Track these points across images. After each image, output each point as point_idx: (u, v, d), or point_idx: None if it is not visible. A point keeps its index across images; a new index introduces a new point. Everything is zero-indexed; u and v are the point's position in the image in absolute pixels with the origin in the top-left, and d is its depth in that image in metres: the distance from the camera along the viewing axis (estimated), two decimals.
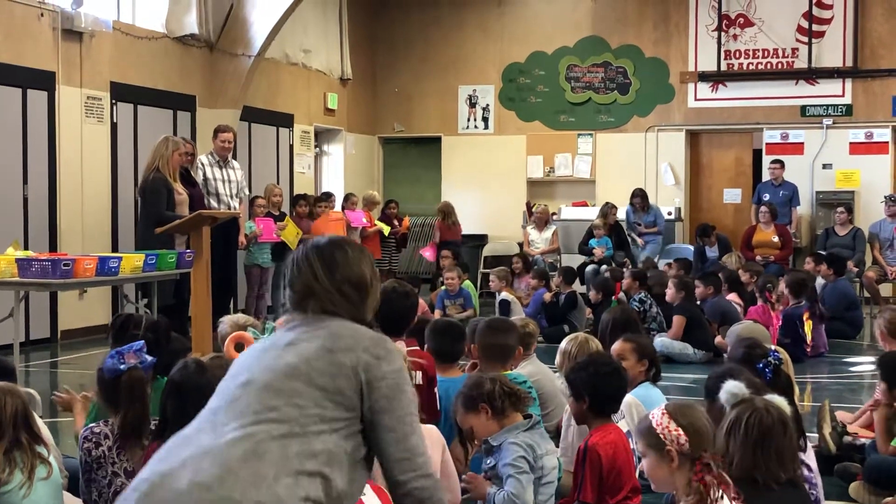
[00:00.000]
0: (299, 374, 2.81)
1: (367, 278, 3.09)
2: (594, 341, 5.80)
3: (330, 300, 3.00)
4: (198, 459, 2.68)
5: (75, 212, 11.81)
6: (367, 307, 3.08)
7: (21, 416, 3.94)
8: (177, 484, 2.64)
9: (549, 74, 17.44)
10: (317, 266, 3.04)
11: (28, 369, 9.79)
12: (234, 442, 2.71)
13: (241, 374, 2.90)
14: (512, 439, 4.53)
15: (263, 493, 2.62)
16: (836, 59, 16.09)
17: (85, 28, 11.68)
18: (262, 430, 2.72)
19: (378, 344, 2.92)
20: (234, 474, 2.63)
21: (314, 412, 2.77)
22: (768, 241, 14.57)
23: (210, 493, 2.61)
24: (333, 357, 2.84)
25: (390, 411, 2.85)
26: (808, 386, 9.01)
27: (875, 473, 5.49)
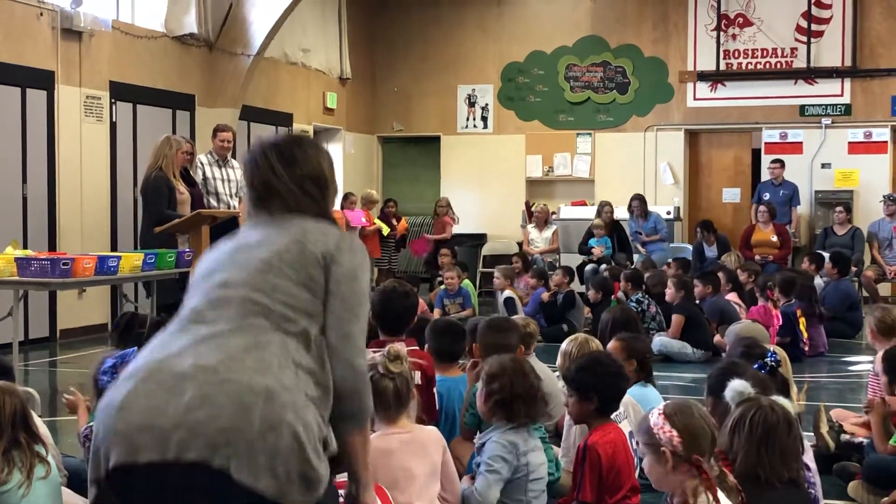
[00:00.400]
0: (273, 268, 2.84)
1: (325, 173, 3.09)
2: (594, 341, 5.80)
3: (294, 199, 3.01)
4: (196, 347, 2.71)
5: (74, 211, 11.81)
6: (329, 202, 3.10)
7: (20, 416, 3.94)
8: (178, 367, 2.65)
9: (548, 74, 17.45)
10: (275, 162, 3.03)
11: (27, 368, 9.79)
12: (232, 333, 2.74)
13: (215, 274, 2.91)
14: (496, 437, 4.55)
15: (270, 379, 2.64)
16: (834, 58, 16.10)
17: (84, 27, 11.68)
18: (257, 324, 2.76)
19: (344, 238, 2.97)
20: (240, 360, 2.66)
21: (297, 305, 2.81)
22: (767, 241, 14.57)
23: (217, 375, 2.63)
24: (303, 247, 2.88)
25: (338, 296, 2.87)
26: (805, 385, 9.01)
27: (874, 472, 5.49)
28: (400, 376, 4.29)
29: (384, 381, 4.26)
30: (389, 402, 4.29)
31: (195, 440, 2.55)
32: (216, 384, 2.61)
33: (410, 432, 4.32)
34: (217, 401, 2.59)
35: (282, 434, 2.59)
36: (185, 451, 2.55)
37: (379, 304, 5.48)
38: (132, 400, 2.64)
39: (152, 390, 2.63)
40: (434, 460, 4.31)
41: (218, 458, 2.55)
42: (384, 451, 4.19)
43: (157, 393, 2.62)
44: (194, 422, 2.56)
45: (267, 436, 2.58)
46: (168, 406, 2.59)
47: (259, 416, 2.58)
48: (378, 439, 4.24)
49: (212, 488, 2.55)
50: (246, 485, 2.54)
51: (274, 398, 2.62)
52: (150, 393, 2.63)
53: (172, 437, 2.56)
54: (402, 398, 4.31)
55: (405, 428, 4.32)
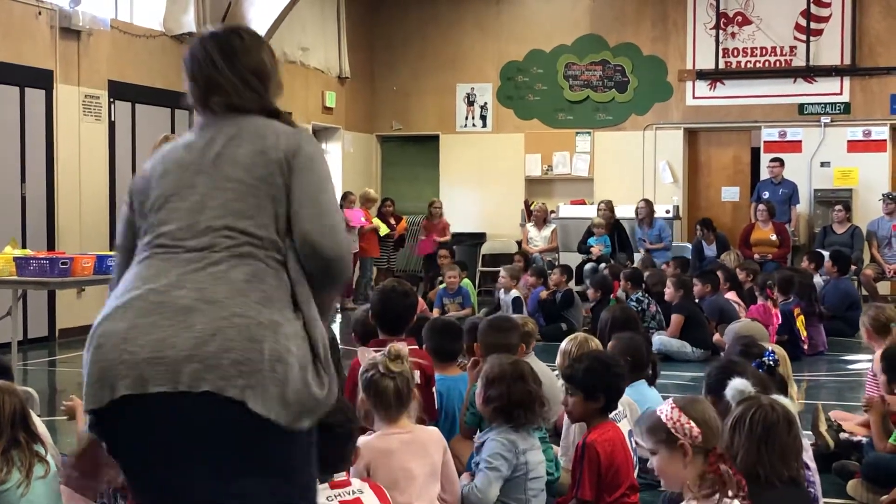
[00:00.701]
0: (249, 190, 2.82)
1: (267, 65, 3.02)
2: (594, 341, 5.80)
3: (236, 93, 2.94)
4: (194, 277, 2.73)
5: (73, 210, 11.80)
6: (272, 95, 3.02)
7: (19, 416, 3.94)
8: (182, 300, 2.69)
9: (547, 73, 17.44)
10: (216, 55, 2.96)
11: (26, 368, 9.79)
12: (230, 264, 2.75)
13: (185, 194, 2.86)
14: (495, 436, 4.55)
15: (275, 313, 2.70)
16: (834, 57, 16.10)
17: (83, 26, 11.67)
18: (248, 253, 2.77)
19: (297, 132, 2.93)
20: (244, 294, 2.71)
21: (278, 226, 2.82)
22: (766, 240, 14.58)
23: (225, 309, 2.67)
24: (267, 157, 2.84)
25: (308, 170, 2.86)
26: (804, 384, 9.01)
27: (873, 471, 5.49)
28: (401, 376, 4.28)
29: (385, 380, 4.26)
30: (390, 401, 4.28)
31: (209, 372, 2.60)
32: (226, 317, 2.66)
33: (411, 432, 4.31)
34: (228, 334, 2.63)
35: (290, 365, 2.67)
36: (199, 383, 2.60)
37: (378, 304, 5.47)
38: (136, 332, 2.66)
39: (156, 323, 2.66)
40: (434, 461, 4.31)
41: (231, 389, 2.60)
42: (384, 451, 4.18)
43: (163, 326, 2.65)
44: (207, 355, 2.61)
45: (276, 367, 2.65)
46: (177, 339, 2.63)
47: (268, 349, 2.65)
48: (378, 439, 4.23)
49: (224, 419, 2.61)
50: (260, 414, 2.61)
51: (279, 331, 2.69)
52: (154, 326, 2.66)
53: (185, 370, 2.61)
54: (402, 398, 4.30)
55: (406, 428, 4.31)
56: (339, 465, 3.62)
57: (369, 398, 4.32)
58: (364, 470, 4.09)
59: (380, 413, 4.31)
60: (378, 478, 4.06)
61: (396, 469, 4.18)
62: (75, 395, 5.06)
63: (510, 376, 4.61)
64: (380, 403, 4.29)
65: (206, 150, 2.89)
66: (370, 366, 4.35)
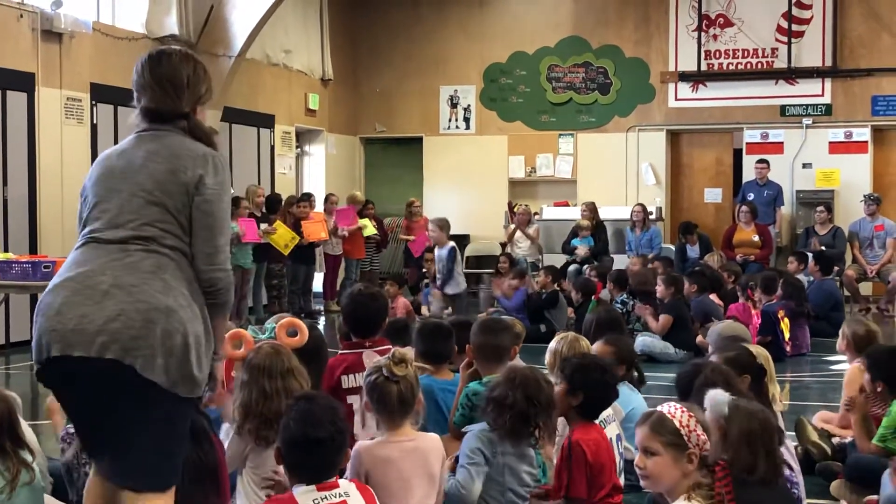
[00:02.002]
0: (156, 200, 3.54)
1: (182, 77, 3.70)
2: (583, 340, 5.77)
3: (153, 96, 3.69)
4: (113, 265, 3.46)
5: (55, 213, 11.75)
6: (184, 101, 3.68)
7: (6, 422, 3.92)
8: (101, 285, 3.43)
9: (530, 74, 17.47)
10: (145, 65, 3.76)
11: (8, 372, 9.74)
12: (140, 258, 3.48)
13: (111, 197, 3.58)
14: (476, 431, 4.55)
15: (171, 299, 3.44)
16: (815, 58, 16.17)
17: (64, 29, 11.63)
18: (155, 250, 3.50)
19: (207, 160, 3.61)
20: (148, 283, 3.44)
21: (177, 232, 3.54)
22: (748, 241, 14.63)
23: (131, 295, 3.41)
24: (176, 177, 3.55)
25: (207, 213, 3.57)
26: (787, 385, 9.04)
27: (856, 472, 5.50)
28: (405, 380, 4.23)
29: (388, 384, 4.21)
30: (393, 406, 4.23)
31: (113, 344, 3.36)
32: (131, 302, 3.39)
33: (413, 440, 4.25)
34: (130, 315, 3.38)
35: (176, 342, 3.40)
36: (105, 351, 3.36)
37: (348, 308, 5.49)
38: (66, 308, 3.41)
39: (81, 301, 3.41)
40: (433, 470, 4.25)
41: (128, 357, 3.36)
42: (383, 459, 4.15)
43: (86, 304, 3.40)
44: (113, 330, 3.36)
45: (165, 342, 3.39)
46: (94, 316, 3.38)
47: (160, 329, 3.39)
48: (378, 446, 4.19)
49: (122, 378, 3.37)
50: (147, 378, 3.37)
51: (171, 314, 3.42)
52: (80, 304, 3.40)
53: (97, 340, 3.36)
54: (406, 403, 4.24)
55: (407, 436, 4.26)
56: (327, 473, 3.61)
57: (372, 402, 4.28)
58: (363, 476, 4.06)
59: (383, 417, 4.26)
60: (376, 485, 4.04)
61: (393, 478, 4.14)
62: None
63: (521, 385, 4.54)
64: (383, 408, 4.24)
65: (132, 160, 3.61)
66: (374, 369, 4.31)
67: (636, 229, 15.22)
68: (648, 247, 14.95)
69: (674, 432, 3.59)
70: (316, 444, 3.55)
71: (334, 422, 3.61)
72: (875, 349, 6.03)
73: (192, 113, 3.71)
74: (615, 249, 15.25)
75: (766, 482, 3.80)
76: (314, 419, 3.57)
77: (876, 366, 5.73)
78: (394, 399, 4.21)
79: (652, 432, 3.66)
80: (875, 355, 5.84)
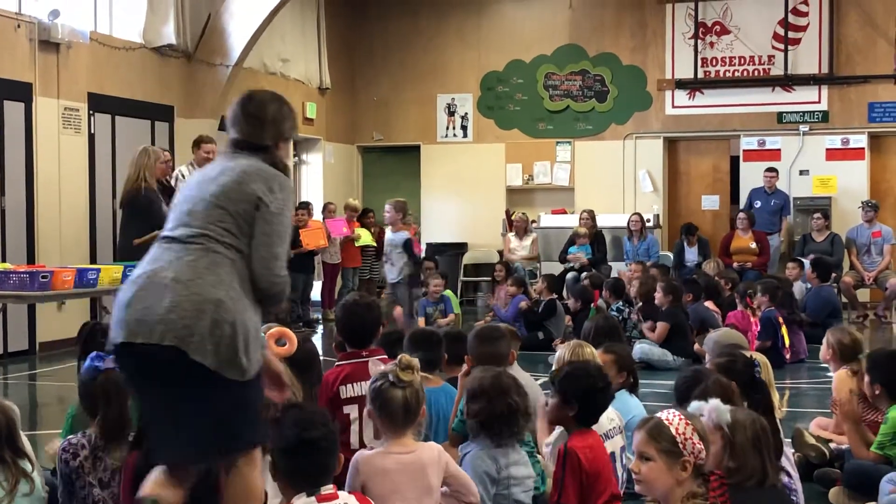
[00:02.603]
0: (220, 203, 3.97)
1: (267, 114, 4.23)
2: (588, 346, 5.74)
3: (239, 128, 4.22)
4: (175, 264, 3.90)
5: (53, 223, 11.76)
6: (267, 135, 4.19)
7: (5, 432, 3.92)
8: (163, 280, 3.86)
9: (527, 83, 17.49)
10: (238, 103, 4.31)
11: (6, 382, 9.74)
12: (199, 256, 3.90)
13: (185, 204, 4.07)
14: (475, 452, 4.52)
15: (222, 292, 3.84)
16: (812, 65, 16.20)
17: (62, 39, 11.64)
18: (213, 248, 3.92)
19: (273, 178, 4.05)
20: (203, 278, 3.86)
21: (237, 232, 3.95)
22: (746, 248, 14.65)
23: (187, 288, 3.83)
24: (241, 188, 3.99)
25: (269, 223, 3.98)
26: (786, 392, 9.05)
27: (854, 479, 5.51)
28: (410, 387, 4.21)
29: (393, 390, 4.20)
30: (398, 413, 4.20)
31: (170, 332, 3.78)
32: (186, 295, 3.82)
33: (412, 452, 4.21)
34: (185, 306, 3.80)
35: (224, 331, 3.80)
36: (163, 338, 3.78)
37: (343, 318, 5.49)
38: (135, 301, 3.87)
39: (146, 296, 3.86)
40: (430, 483, 4.19)
41: (182, 344, 3.76)
42: (380, 470, 4.12)
43: (148, 298, 3.85)
44: (169, 320, 3.79)
45: (214, 331, 3.78)
46: (155, 307, 3.82)
47: (210, 318, 3.79)
48: (377, 456, 4.17)
49: (179, 363, 3.77)
50: (198, 361, 3.76)
51: (221, 305, 3.82)
52: (145, 297, 3.86)
53: (157, 329, 3.79)
54: (410, 411, 4.22)
55: (407, 447, 4.22)
56: (323, 477, 3.61)
57: (375, 409, 4.25)
58: (359, 486, 4.05)
59: (385, 425, 4.22)
60: (372, 495, 4.03)
61: (388, 490, 4.10)
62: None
63: (492, 390, 4.59)
64: (386, 415, 4.20)
65: (208, 173, 4.13)
66: (379, 376, 4.30)
67: (633, 239, 15.23)
68: (646, 255, 14.95)
69: (669, 440, 3.60)
70: (311, 445, 3.56)
71: (325, 424, 3.64)
72: (876, 352, 6.04)
73: (275, 147, 4.19)
74: (612, 257, 15.26)
75: (770, 487, 3.82)
76: (306, 422, 3.60)
77: (876, 368, 5.73)
78: (398, 405, 4.19)
79: (648, 438, 3.67)
80: (876, 357, 5.84)
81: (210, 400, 3.85)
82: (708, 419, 3.88)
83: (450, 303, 12.46)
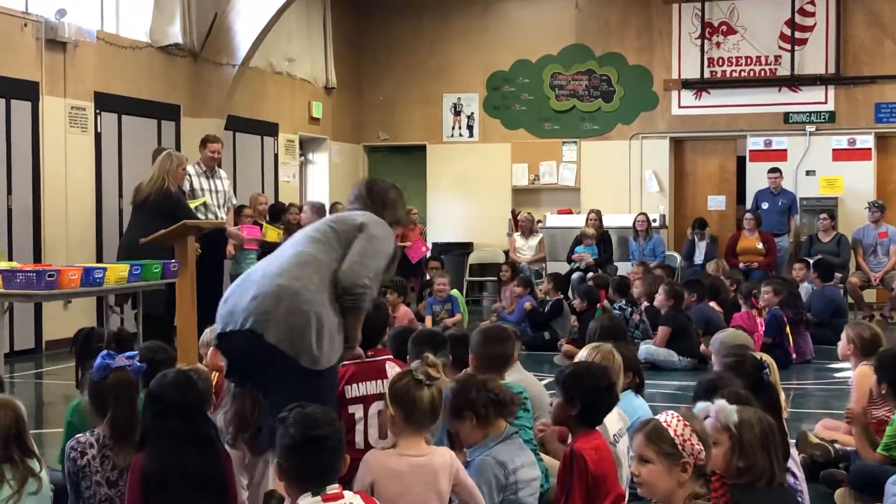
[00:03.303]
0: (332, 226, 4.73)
1: (389, 198, 5.01)
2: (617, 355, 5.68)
3: (364, 203, 4.97)
4: (268, 263, 4.65)
5: (59, 222, 11.77)
6: (385, 213, 4.92)
7: (14, 431, 3.92)
8: (253, 277, 4.58)
9: (533, 82, 17.49)
10: (364, 184, 5.10)
11: (13, 380, 9.75)
12: (292, 257, 4.59)
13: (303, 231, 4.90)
14: (483, 456, 4.47)
15: (300, 284, 4.41)
16: (818, 66, 16.17)
17: (69, 38, 11.66)
18: (306, 249, 4.59)
19: (378, 222, 4.78)
20: (287, 271, 4.48)
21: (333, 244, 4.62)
22: (752, 248, 14.64)
23: (270, 280, 4.44)
24: (351, 218, 4.78)
25: (368, 240, 4.62)
26: (791, 392, 9.03)
27: (860, 480, 5.50)
28: (436, 385, 4.20)
29: (420, 388, 4.17)
30: (426, 412, 4.17)
31: (250, 317, 4.36)
32: (268, 286, 4.42)
33: (424, 456, 4.17)
34: (265, 296, 4.38)
35: (298, 319, 4.34)
36: (245, 324, 4.36)
37: None
38: (229, 297, 4.56)
39: (239, 291, 4.53)
40: (441, 487, 4.15)
41: (259, 328, 4.34)
42: (392, 472, 4.09)
43: (239, 293, 4.52)
44: (251, 307, 4.37)
45: (288, 318, 4.34)
46: (243, 300, 4.45)
47: (285, 305, 4.34)
48: (389, 457, 4.14)
49: (259, 346, 4.32)
50: (274, 344, 4.31)
51: (297, 296, 4.37)
52: (238, 293, 4.53)
53: (241, 317, 4.39)
54: (436, 410, 4.20)
55: (421, 451, 4.18)
56: (329, 476, 3.61)
57: (399, 409, 4.21)
58: (368, 486, 4.01)
59: (410, 425, 4.19)
60: (380, 496, 4.01)
61: (400, 492, 4.08)
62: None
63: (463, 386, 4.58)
64: (413, 414, 4.17)
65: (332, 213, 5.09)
66: (402, 374, 4.29)
67: (639, 239, 15.22)
68: (652, 255, 14.94)
69: (668, 442, 3.59)
70: (317, 443, 3.55)
71: (331, 423, 3.62)
72: (885, 351, 6.03)
73: (392, 227, 4.86)
74: (618, 257, 15.26)
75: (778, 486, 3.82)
76: (311, 420, 3.58)
77: (883, 367, 5.74)
78: (426, 404, 4.17)
79: (647, 441, 3.66)
80: (884, 357, 5.84)
81: (287, 387, 4.27)
82: (715, 419, 3.87)
83: (457, 303, 12.48)
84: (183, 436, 4.05)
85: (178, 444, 4.04)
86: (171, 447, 4.05)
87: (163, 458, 4.04)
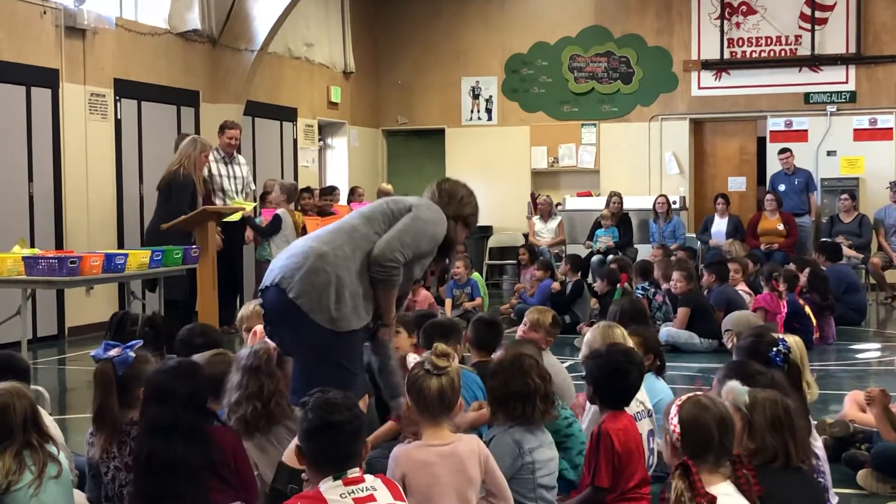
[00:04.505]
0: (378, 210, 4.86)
1: (457, 194, 5.14)
2: (617, 328, 5.71)
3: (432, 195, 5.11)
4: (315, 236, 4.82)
5: (80, 209, 11.83)
6: (450, 208, 5.03)
7: (30, 418, 3.95)
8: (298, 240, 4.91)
9: (551, 65, 17.43)
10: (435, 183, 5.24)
11: (36, 366, 9.80)
12: (334, 225, 4.84)
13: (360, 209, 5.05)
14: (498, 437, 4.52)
15: (328, 248, 4.59)
16: (839, 45, 16.07)
17: (88, 25, 11.69)
18: (348, 225, 4.76)
19: (432, 206, 4.96)
20: (321, 238, 4.71)
21: (379, 218, 4.77)
22: (773, 229, 14.57)
23: (304, 245, 4.69)
24: (398, 203, 4.92)
25: (412, 219, 4.77)
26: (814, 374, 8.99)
27: (882, 460, 5.50)
28: (446, 375, 4.17)
29: (428, 378, 4.16)
30: (433, 401, 4.16)
31: (280, 275, 4.60)
32: (301, 247, 4.68)
33: (451, 444, 4.16)
34: (296, 256, 4.62)
35: (319, 277, 4.53)
36: (275, 280, 4.61)
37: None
38: (274, 262, 4.78)
39: (282, 255, 4.79)
40: (471, 475, 4.14)
41: (283, 283, 4.58)
42: (422, 463, 4.08)
43: (283, 257, 4.72)
44: (282, 266, 4.64)
45: (310, 276, 4.53)
46: (279, 260, 4.73)
47: (309, 265, 4.56)
48: (417, 450, 4.14)
49: (285, 302, 4.55)
50: (293, 299, 4.52)
51: (323, 257, 4.57)
52: (281, 255, 4.80)
53: (274, 274, 4.65)
54: (445, 399, 4.17)
55: (446, 440, 4.17)
56: (350, 461, 3.62)
57: (412, 398, 4.24)
58: (400, 481, 3.98)
59: (422, 414, 4.20)
60: (412, 488, 4.01)
61: (430, 482, 4.06)
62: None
63: (510, 368, 4.60)
64: (422, 403, 4.17)
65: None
66: (416, 365, 4.31)
67: (659, 220, 15.18)
68: (672, 237, 14.89)
69: (665, 418, 3.70)
70: (336, 429, 3.57)
71: (350, 408, 3.63)
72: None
73: (453, 221, 4.99)
74: (638, 240, 15.21)
75: (795, 469, 3.82)
76: (330, 406, 3.60)
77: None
78: (433, 394, 4.15)
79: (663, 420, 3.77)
80: None
81: (306, 344, 4.54)
82: (726, 400, 3.88)
83: (477, 286, 12.47)
84: (166, 425, 4.06)
85: (163, 433, 4.05)
86: (155, 434, 4.07)
87: (145, 445, 4.08)
